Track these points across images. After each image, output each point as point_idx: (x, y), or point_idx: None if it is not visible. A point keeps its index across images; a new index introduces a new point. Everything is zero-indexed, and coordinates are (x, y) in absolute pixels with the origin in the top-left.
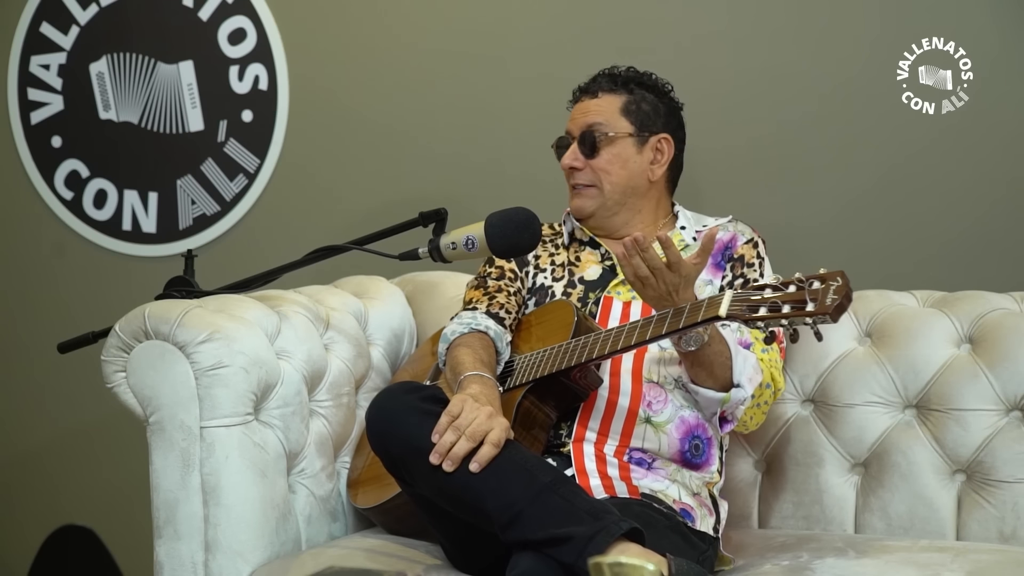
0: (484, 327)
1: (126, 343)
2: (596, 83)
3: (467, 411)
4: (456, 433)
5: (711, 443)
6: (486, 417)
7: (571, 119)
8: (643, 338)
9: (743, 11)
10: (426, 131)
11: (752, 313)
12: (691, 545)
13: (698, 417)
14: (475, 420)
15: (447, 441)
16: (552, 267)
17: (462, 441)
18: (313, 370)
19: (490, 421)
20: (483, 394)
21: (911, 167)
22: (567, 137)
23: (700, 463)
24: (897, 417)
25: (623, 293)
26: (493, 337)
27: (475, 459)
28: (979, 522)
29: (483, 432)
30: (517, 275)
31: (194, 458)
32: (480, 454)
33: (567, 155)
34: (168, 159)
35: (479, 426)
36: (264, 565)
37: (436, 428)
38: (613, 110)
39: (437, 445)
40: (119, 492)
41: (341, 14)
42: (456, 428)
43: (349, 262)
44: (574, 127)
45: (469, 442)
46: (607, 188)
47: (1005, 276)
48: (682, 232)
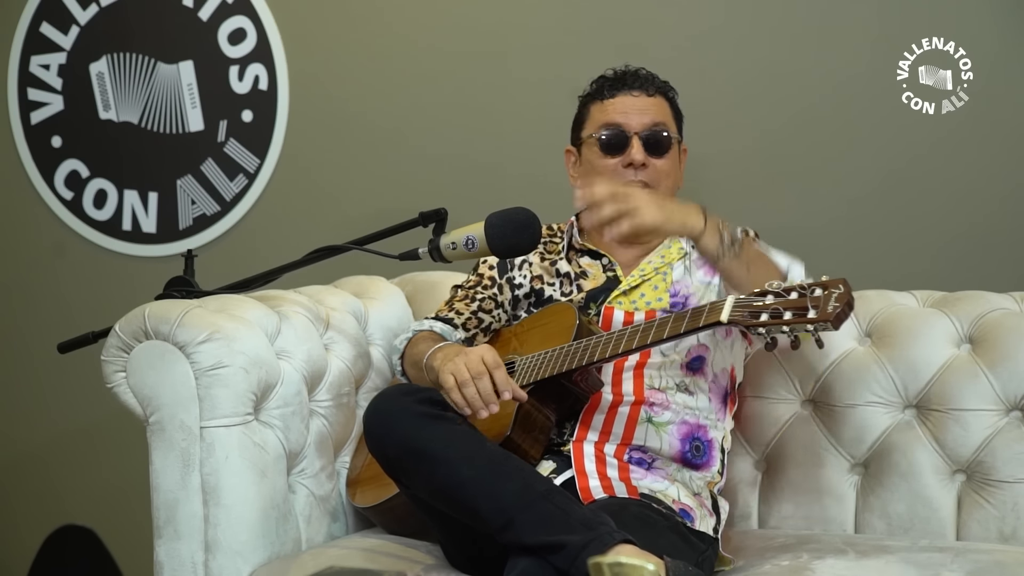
0: (428, 327)
1: (126, 343)
2: (647, 81)
3: (457, 367)
4: (468, 385)
5: (712, 445)
6: (474, 354)
7: (621, 112)
8: (644, 342)
9: (743, 11)
10: (426, 131)
11: (754, 319)
12: (690, 546)
13: (699, 419)
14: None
15: (469, 394)
16: (558, 278)
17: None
18: (313, 370)
19: (480, 351)
20: (453, 351)
21: (911, 167)
22: (623, 132)
23: (701, 464)
24: (897, 417)
25: (624, 303)
26: (440, 332)
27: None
28: (979, 522)
29: (482, 364)
30: (496, 282)
31: (194, 458)
32: (499, 383)
33: (635, 150)
34: (168, 159)
35: (474, 365)
36: (264, 565)
37: (455, 405)
38: (667, 113)
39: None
40: (119, 492)
41: (341, 14)
42: (464, 383)
43: (349, 262)
44: (632, 122)
45: (482, 379)
46: (663, 191)
47: (1005, 276)
48: (682, 240)
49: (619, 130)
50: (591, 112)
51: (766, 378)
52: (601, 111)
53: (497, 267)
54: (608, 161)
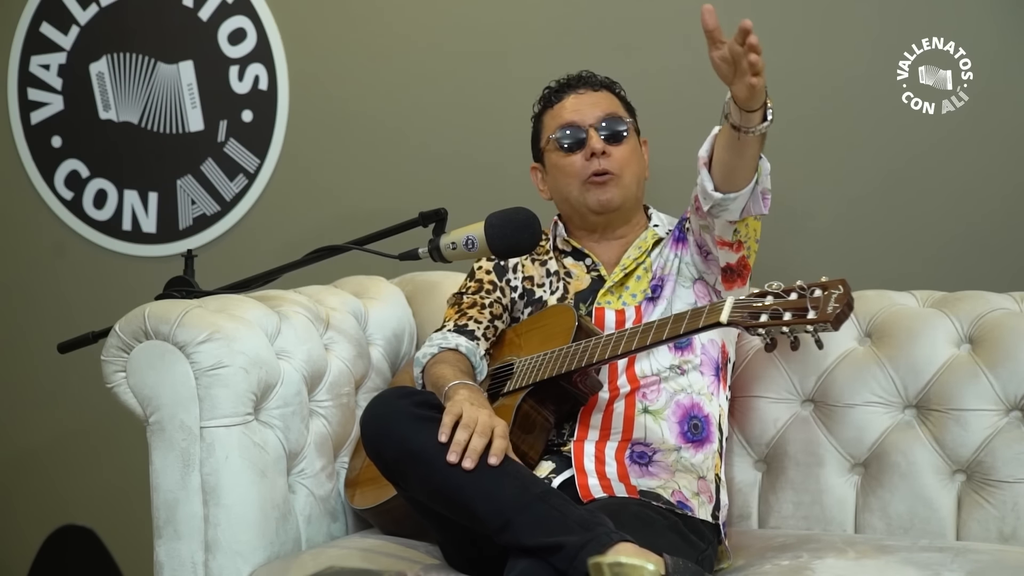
0: (455, 345)
1: (126, 343)
2: (589, 79)
3: (468, 411)
4: (467, 431)
5: (709, 420)
6: (488, 415)
7: (573, 110)
8: (644, 343)
9: (742, 12)
10: (426, 131)
11: (753, 319)
12: (690, 544)
13: (692, 397)
14: (479, 418)
15: (461, 439)
16: (548, 278)
17: (476, 437)
18: (313, 370)
19: (493, 419)
20: (475, 398)
21: (911, 168)
22: (578, 128)
23: (702, 439)
24: (897, 417)
25: (613, 302)
26: (465, 353)
27: (492, 453)
28: (979, 522)
29: (491, 427)
30: (496, 285)
31: (194, 458)
32: (495, 447)
33: (594, 140)
34: (168, 159)
35: (486, 422)
36: (264, 565)
37: (441, 430)
38: (617, 104)
39: (452, 443)
40: (119, 492)
41: (341, 14)
42: (466, 426)
43: (349, 262)
44: (585, 117)
45: (482, 437)
46: (627, 179)
47: (1005, 276)
48: (656, 229)
49: (574, 127)
50: (544, 122)
51: (766, 378)
52: (553, 117)
53: (495, 271)
54: (571, 158)
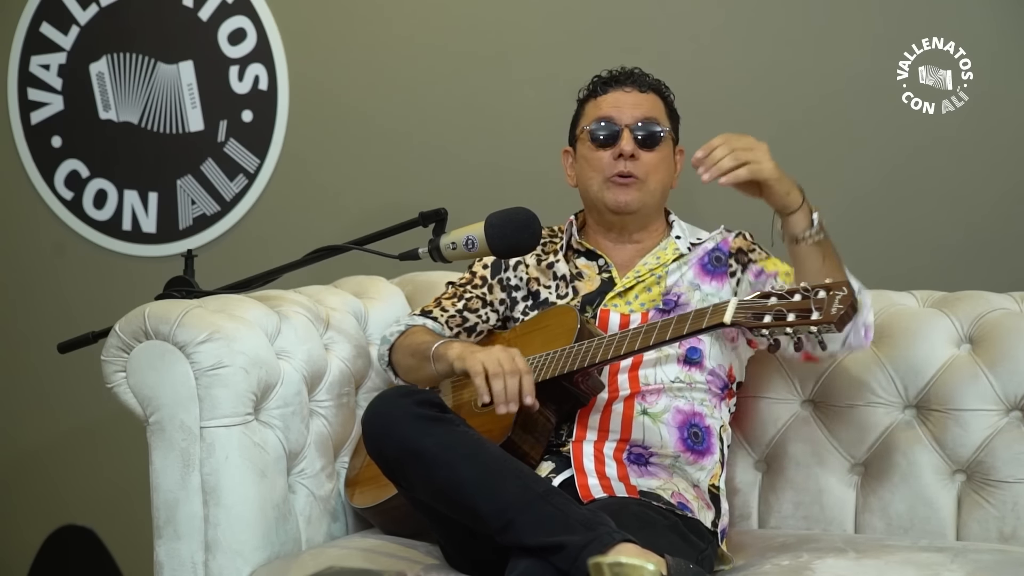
0: (421, 323)
1: (126, 343)
2: (640, 78)
3: (485, 359)
4: (500, 379)
5: (710, 432)
6: (500, 350)
7: (613, 106)
8: (647, 343)
9: (743, 12)
10: (426, 131)
11: (757, 320)
12: (690, 544)
13: (692, 406)
14: (498, 359)
15: (500, 389)
16: (555, 281)
17: (511, 380)
18: (313, 370)
19: (505, 351)
20: (471, 347)
21: (911, 167)
22: (613, 124)
23: (703, 450)
24: (897, 417)
25: (620, 305)
26: (432, 329)
27: (525, 394)
28: (979, 522)
29: (512, 361)
30: (487, 281)
31: (194, 458)
32: (525, 387)
33: (625, 142)
34: (168, 159)
35: (509, 362)
36: (264, 565)
37: (480, 393)
38: (660, 109)
39: (494, 397)
40: (119, 492)
41: (341, 14)
42: (496, 375)
43: (349, 262)
44: (623, 115)
45: (515, 377)
46: (651, 185)
47: (1005, 276)
48: (677, 241)
49: (610, 123)
50: (585, 110)
51: (766, 378)
52: (595, 107)
53: (491, 267)
54: (600, 153)
